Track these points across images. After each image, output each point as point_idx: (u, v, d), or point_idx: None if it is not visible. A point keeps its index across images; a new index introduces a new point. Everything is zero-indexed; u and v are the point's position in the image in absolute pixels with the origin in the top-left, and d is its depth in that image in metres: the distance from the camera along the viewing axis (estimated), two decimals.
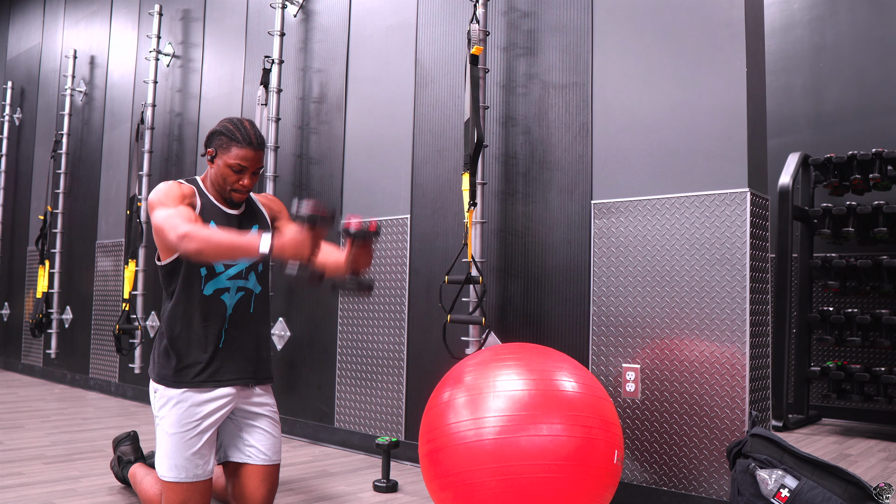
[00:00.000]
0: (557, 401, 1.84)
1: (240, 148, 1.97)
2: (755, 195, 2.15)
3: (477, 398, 1.85)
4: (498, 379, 1.88)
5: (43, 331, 4.99)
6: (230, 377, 2.01)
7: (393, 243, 3.07)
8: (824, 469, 1.79)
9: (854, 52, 4.25)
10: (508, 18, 2.75)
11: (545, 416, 1.78)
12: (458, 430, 1.82)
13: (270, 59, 3.50)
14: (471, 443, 1.78)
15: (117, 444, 2.41)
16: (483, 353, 2.10)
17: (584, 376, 1.97)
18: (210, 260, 1.85)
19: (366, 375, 3.12)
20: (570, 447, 1.76)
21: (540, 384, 1.86)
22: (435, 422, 1.92)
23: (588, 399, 1.88)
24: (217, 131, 2.01)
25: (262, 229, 2.11)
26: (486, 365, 1.97)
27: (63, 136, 5.03)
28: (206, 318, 1.97)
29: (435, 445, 1.88)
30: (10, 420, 3.61)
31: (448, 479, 1.83)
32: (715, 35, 2.21)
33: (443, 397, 1.96)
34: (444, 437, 1.86)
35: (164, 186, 1.96)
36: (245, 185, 2.00)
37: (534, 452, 1.74)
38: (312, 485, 2.55)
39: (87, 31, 5.22)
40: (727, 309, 2.13)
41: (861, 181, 3.85)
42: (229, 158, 1.97)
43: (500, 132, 2.74)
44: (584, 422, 1.81)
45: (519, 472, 1.73)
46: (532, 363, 1.95)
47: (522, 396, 1.82)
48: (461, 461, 1.80)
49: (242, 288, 2.05)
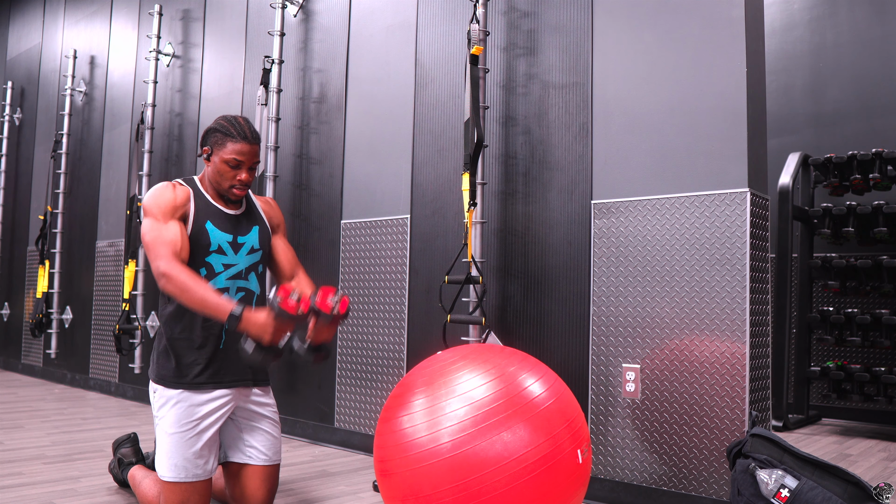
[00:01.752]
0: (518, 405, 1.67)
1: (235, 142, 1.98)
2: (755, 195, 2.15)
3: (429, 409, 1.70)
4: (450, 390, 1.72)
5: (43, 331, 4.99)
6: (230, 379, 2.01)
7: (393, 243, 3.07)
8: (824, 469, 1.79)
9: (854, 52, 4.25)
10: (508, 18, 2.75)
11: (506, 423, 1.63)
12: (413, 448, 1.67)
13: (270, 59, 3.50)
14: (427, 459, 1.64)
15: (117, 447, 2.41)
16: (431, 362, 1.93)
17: (543, 372, 1.84)
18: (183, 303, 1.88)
19: (366, 375, 3.12)
20: (534, 456, 1.61)
21: (499, 385, 1.70)
22: (386, 440, 1.78)
23: (551, 399, 1.74)
24: (212, 129, 2.03)
25: (261, 232, 2.11)
26: (433, 381, 1.79)
27: (63, 136, 5.03)
28: (206, 319, 1.97)
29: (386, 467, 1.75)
30: (10, 420, 3.61)
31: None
32: (715, 35, 2.21)
33: (395, 412, 1.79)
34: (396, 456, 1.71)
35: (158, 191, 1.97)
36: (243, 179, 2.00)
37: (494, 461, 1.59)
38: (312, 485, 2.54)
39: (87, 31, 5.22)
40: (727, 309, 2.13)
41: (861, 181, 3.84)
42: (225, 154, 1.98)
43: (500, 132, 2.74)
44: (548, 426, 1.66)
45: (478, 483, 1.58)
46: (486, 365, 1.79)
47: (480, 403, 1.66)
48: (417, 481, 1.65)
49: (243, 289, 2.05)
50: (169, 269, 1.83)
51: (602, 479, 2.35)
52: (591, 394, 2.40)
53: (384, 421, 1.81)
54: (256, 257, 2.09)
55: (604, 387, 2.37)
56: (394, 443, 1.72)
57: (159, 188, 1.98)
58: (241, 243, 2.05)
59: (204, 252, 1.98)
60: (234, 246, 2.03)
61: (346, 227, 3.27)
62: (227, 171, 1.99)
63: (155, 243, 1.88)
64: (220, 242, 2.00)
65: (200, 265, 1.98)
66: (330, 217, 3.35)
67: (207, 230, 1.98)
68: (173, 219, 1.94)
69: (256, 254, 2.09)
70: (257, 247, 2.09)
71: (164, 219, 1.92)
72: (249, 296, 2.06)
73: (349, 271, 3.23)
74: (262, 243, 2.10)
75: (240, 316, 1.77)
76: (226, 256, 2.01)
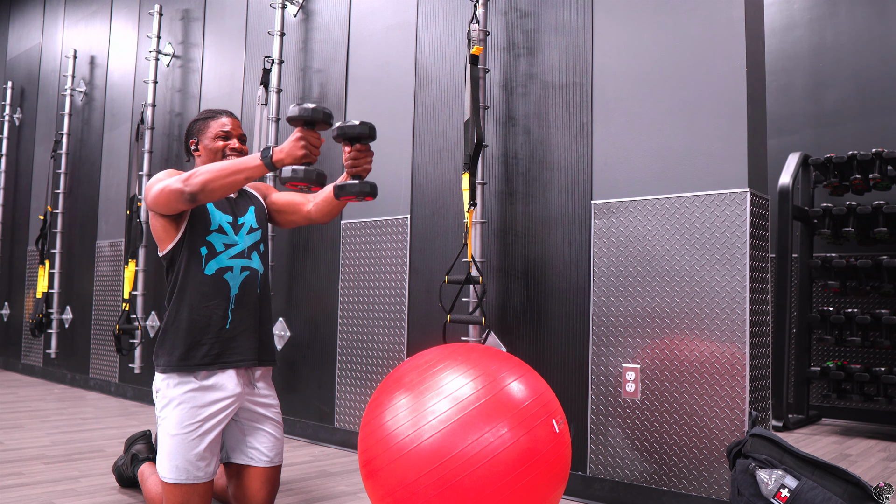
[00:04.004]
0: (499, 400, 1.69)
1: (216, 119, 2.13)
2: (755, 195, 2.15)
3: (411, 409, 1.71)
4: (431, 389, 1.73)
5: (43, 331, 4.99)
6: (236, 359, 2.02)
7: (393, 243, 3.07)
8: (824, 469, 1.79)
9: (854, 52, 4.25)
10: (508, 18, 2.75)
11: (489, 420, 1.64)
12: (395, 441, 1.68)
13: (270, 59, 3.50)
14: (409, 451, 1.65)
15: (132, 443, 2.42)
16: (406, 365, 1.92)
17: (515, 365, 1.86)
18: (217, 193, 1.86)
19: (366, 375, 3.12)
20: (517, 448, 1.63)
21: (483, 383, 1.72)
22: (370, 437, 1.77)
23: (530, 388, 1.76)
24: (192, 121, 2.17)
25: (257, 211, 2.17)
26: (416, 385, 1.79)
27: (63, 136, 5.03)
28: (210, 299, 1.99)
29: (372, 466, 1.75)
30: (10, 420, 3.61)
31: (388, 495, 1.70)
32: (715, 35, 2.21)
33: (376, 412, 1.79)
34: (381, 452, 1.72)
35: (160, 174, 2.03)
36: (236, 147, 2.10)
37: (477, 457, 1.60)
38: (312, 485, 2.55)
39: (87, 31, 5.22)
40: (727, 309, 2.13)
41: (861, 181, 3.85)
42: (211, 132, 2.11)
43: (500, 132, 2.74)
44: (526, 416, 1.68)
45: (457, 473, 1.60)
46: (468, 364, 1.80)
47: (465, 402, 1.67)
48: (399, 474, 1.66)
49: (247, 268, 2.08)
50: (187, 174, 1.88)
51: (602, 479, 2.35)
52: (591, 394, 2.40)
53: (366, 424, 1.79)
54: (257, 236, 2.13)
55: (604, 387, 2.37)
56: (377, 439, 1.72)
57: (160, 173, 2.03)
58: (240, 224, 2.10)
59: (205, 231, 2.02)
60: (234, 226, 2.08)
61: (346, 227, 3.27)
62: (219, 146, 2.10)
63: (166, 182, 1.91)
64: (221, 222, 2.05)
65: (202, 244, 2.01)
66: None
67: (207, 209, 2.04)
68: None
69: (256, 233, 2.14)
70: (256, 226, 2.14)
71: (172, 177, 1.97)
72: (254, 275, 2.09)
73: (349, 271, 3.23)
74: (259, 222, 2.16)
75: (269, 149, 1.78)
76: (226, 236, 2.05)
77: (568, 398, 2.43)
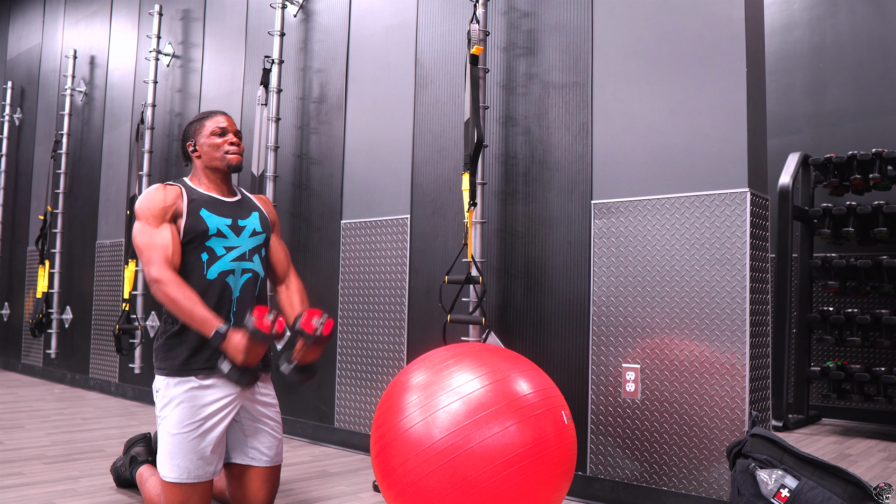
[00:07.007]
0: (508, 396, 1.78)
1: (211, 118, 2.14)
2: (755, 195, 2.15)
3: (423, 404, 1.79)
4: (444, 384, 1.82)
5: (43, 331, 4.99)
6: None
7: (393, 243, 3.07)
8: (824, 469, 1.79)
9: (854, 52, 4.25)
10: (508, 18, 2.75)
11: (496, 416, 1.72)
12: (405, 429, 1.78)
13: (270, 59, 3.50)
14: (421, 446, 1.73)
15: (131, 445, 2.42)
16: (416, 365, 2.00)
17: (525, 366, 1.93)
18: (170, 310, 1.96)
19: (366, 375, 3.12)
20: (525, 441, 1.72)
21: (492, 379, 1.80)
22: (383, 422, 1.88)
23: (535, 384, 1.84)
24: (187, 125, 2.18)
25: (261, 218, 2.17)
26: (429, 385, 1.88)
27: (63, 136, 5.03)
28: (212, 303, 1.99)
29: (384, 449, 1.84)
30: (10, 420, 3.61)
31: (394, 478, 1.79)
32: (715, 35, 2.21)
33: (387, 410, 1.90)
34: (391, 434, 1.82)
35: (147, 195, 2.03)
36: (233, 141, 2.12)
37: (487, 453, 1.68)
38: (312, 485, 2.55)
39: (87, 31, 5.22)
40: (727, 309, 2.13)
41: (861, 181, 3.84)
42: (207, 130, 2.12)
43: (500, 132, 2.74)
44: (533, 412, 1.76)
45: (469, 471, 1.68)
46: (478, 363, 1.88)
47: (474, 397, 1.76)
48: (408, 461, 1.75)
49: (248, 270, 2.09)
50: (161, 276, 1.91)
51: (602, 478, 2.35)
52: (591, 394, 2.40)
53: (382, 407, 1.90)
54: (259, 240, 2.13)
55: (604, 387, 2.37)
56: (392, 421, 1.81)
57: (148, 192, 2.04)
58: (241, 226, 2.09)
59: (203, 237, 2.02)
60: (234, 229, 2.07)
61: (346, 227, 3.27)
62: (217, 142, 2.10)
63: (147, 248, 1.95)
64: (219, 226, 2.04)
65: (202, 250, 2.01)
66: (330, 217, 3.35)
67: (203, 217, 2.03)
68: (165, 222, 1.99)
69: (259, 236, 2.13)
70: (259, 230, 2.14)
71: (156, 223, 1.98)
72: (254, 277, 2.10)
73: (349, 271, 3.23)
74: (263, 227, 2.16)
75: (224, 334, 1.85)
76: (227, 239, 2.05)
77: (568, 398, 2.43)
